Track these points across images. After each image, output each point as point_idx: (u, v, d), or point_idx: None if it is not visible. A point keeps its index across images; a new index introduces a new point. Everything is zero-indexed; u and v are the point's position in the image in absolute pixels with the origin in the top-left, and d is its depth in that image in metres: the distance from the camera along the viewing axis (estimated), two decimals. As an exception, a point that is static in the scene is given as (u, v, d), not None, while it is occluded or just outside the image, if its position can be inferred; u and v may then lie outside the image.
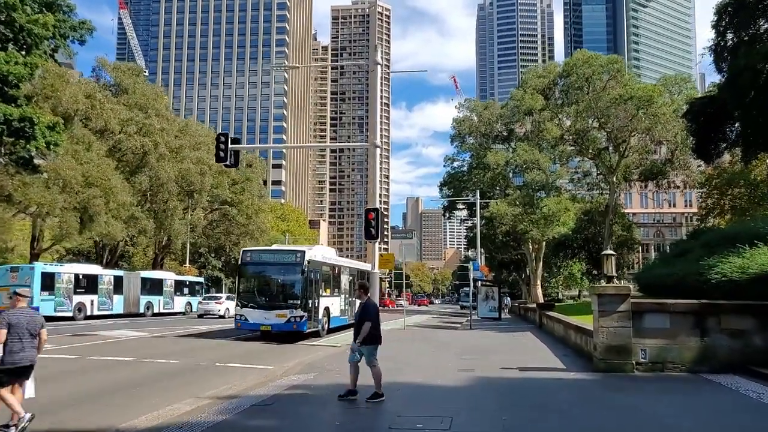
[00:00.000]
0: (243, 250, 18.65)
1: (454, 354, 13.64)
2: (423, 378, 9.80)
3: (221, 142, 17.51)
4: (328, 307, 19.73)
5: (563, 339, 16.34)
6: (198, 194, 43.11)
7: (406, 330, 22.68)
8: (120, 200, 33.67)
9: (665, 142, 45.08)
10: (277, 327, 17.38)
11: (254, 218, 49.76)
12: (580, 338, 13.32)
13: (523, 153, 42.76)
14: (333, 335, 20.01)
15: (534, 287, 47.76)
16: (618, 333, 10.08)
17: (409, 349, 15.07)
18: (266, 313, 17.39)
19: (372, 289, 17.04)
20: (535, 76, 48.06)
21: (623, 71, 44.58)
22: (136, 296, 34.16)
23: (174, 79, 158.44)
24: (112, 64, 40.68)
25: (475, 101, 48.18)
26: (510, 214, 41.42)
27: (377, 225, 16.42)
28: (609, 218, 47.17)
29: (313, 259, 18.00)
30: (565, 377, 9.86)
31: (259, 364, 12.52)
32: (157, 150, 38.22)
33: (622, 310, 10.12)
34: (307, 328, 17.51)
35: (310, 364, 11.95)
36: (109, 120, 35.05)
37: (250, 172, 49.91)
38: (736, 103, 25.48)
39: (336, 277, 21.04)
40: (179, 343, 16.78)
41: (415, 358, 12.75)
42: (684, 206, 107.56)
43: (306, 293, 17.46)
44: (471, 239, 50.98)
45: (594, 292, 10.43)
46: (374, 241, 16.72)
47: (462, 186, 47.83)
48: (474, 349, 15.04)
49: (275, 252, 18.55)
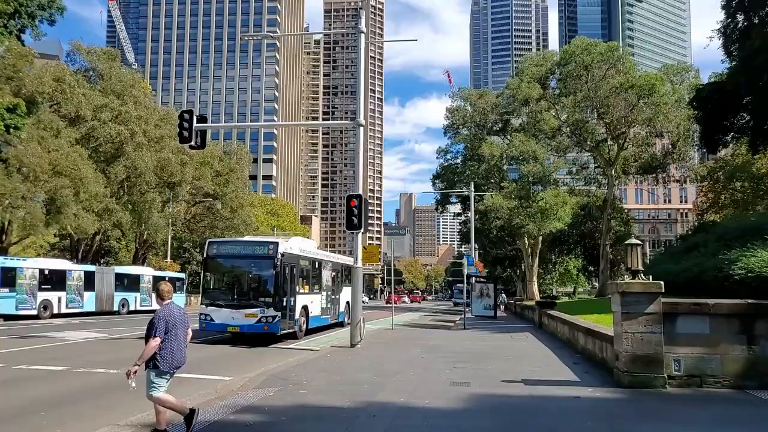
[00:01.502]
0: (209, 241, 16.65)
1: (446, 361, 11.79)
2: (407, 397, 7.92)
3: (185, 120, 15.52)
4: (306, 305, 17.83)
5: (569, 342, 14.54)
6: (178, 186, 40.95)
7: (394, 330, 20.84)
8: (92, 191, 31.53)
9: (667, 133, 43.45)
10: (246, 328, 15.46)
11: (239, 212, 47.70)
12: (591, 343, 11.50)
13: (519, 144, 40.99)
14: (312, 337, 18.13)
15: (530, 284, 46.08)
16: (646, 340, 8.25)
17: (393, 354, 13.21)
18: (234, 312, 15.47)
19: (354, 286, 15.16)
20: (532, 64, 46.24)
21: (624, 59, 42.83)
22: (110, 293, 32.11)
23: (163, 71, 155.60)
24: (86, 48, 38.34)
25: (470, 90, 46.30)
26: (505, 207, 39.67)
27: (360, 213, 14.56)
28: (607, 213, 45.54)
29: (287, 252, 16.07)
30: (582, 395, 8.01)
31: (216, 374, 10.61)
32: (134, 139, 36.05)
33: (651, 311, 8.29)
34: (280, 329, 15.61)
35: (277, 374, 10.06)
36: (81, 106, 32.85)
37: (235, 163, 47.79)
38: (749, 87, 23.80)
39: (316, 272, 19.13)
40: (135, 347, 14.76)
41: (399, 368, 10.88)
42: (679, 202, 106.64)
43: (280, 290, 15.55)
44: (465, 234, 49.23)
45: (616, 290, 8.59)
46: (357, 232, 14.86)
47: (456, 179, 46.01)
48: (468, 354, 13.20)
49: (245, 244, 16.56)
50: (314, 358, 12.39)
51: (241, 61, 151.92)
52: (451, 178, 46.73)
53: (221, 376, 10.33)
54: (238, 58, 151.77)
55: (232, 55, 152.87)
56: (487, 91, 47.66)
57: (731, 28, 26.70)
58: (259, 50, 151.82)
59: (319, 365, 11.22)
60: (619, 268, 60.09)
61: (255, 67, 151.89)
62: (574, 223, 48.39)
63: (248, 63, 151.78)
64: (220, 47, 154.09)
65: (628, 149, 45.69)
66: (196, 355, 13.36)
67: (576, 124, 44.00)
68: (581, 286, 76.25)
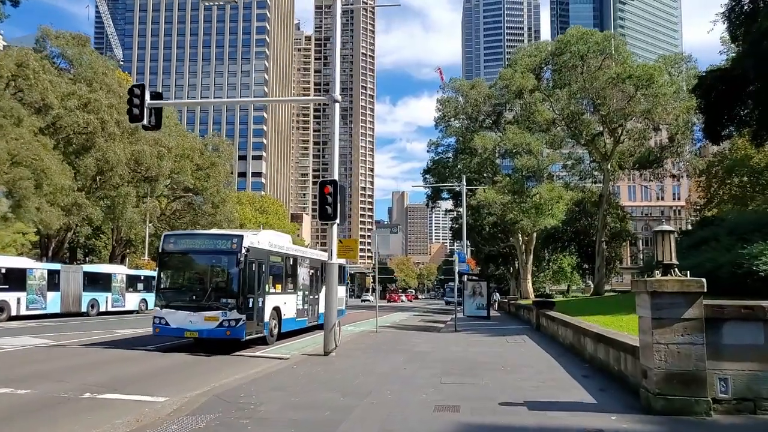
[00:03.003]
0: (165, 234, 14.66)
1: (432, 374, 9.95)
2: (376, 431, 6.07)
3: (135, 96, 13.54)
4: (278, 307, 15.92)
5: (573, 348, 12.76)
6: (155, 180, 38.81)
7: (378, 333, 18.97)
8: (57, 184, 29.37)
9: (665, 126, 41.90)
10: (206, 333, 13.53)
11: (221, 207, 45.60)
12: (604, 352, 9.70)
13: (513, 136, 39.21)
14: (286, 342, 16.25)
15: (524, 282, 44.38)
16: (684, 353, 6.45)
17: (371, 364, 11.34)
18: (192, 315, 13.53)
19: (329, 284, 13.29)
20: (526, 55, 44.53)
21: (621, 49, 41.23)
22: (77, 293, 29.97)
23: (150, 67, 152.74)
24: (55, 33, 36.05)
25: (461, 80, 44.43)
26: (499, 202, 37.90)
27: (335, 201, 12.68)
28: (603, 208, 43.95)
29: (254, 247, 14.16)
30: (606, 427, 6.18)
31: (152, 392, 8.69)
32: (106, 129, 33.89)
33: (690, 317, 6.49)
34: (245, 333, 13.70)
35: (224, 393, 8.17)
36: (47, 93, 30.65)
37: (216, 157, 45.66)
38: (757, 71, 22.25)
39: (291, 269, 17.21)
40: (74, 357, 12.86)
41: (375, 383, 9.02)
42: (672, 199, 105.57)
43: (245, 290, 13.64)
44: (456, 231, 47.46)
45: (643, 289, 6.79)
46: (331, 223, 12.97)
47: (447, 173, 44.15)
48: (459, 363, 11.37)
49: (205, 237, 14.59)
50: (277, 370, 10.51)
51: (230, 56, 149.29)
52: (443, 172, 44.90)
53: (156, 396, 8.41)
54: (227, 53, 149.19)
55: (221, 51, 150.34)
56: (480, 81, 45.84)
57: (736, 11, 25.24)
58: (249, 46, 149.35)
59: (279, 380, 9.35)
60: (614, 265, 58.76)
61: (244, 62, 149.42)
62: (568, 219, 46.80)
63: (237, 58, 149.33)
64: (208, 42, 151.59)
65: (625, 143, 44.12)
66: (141, 368, 11.45)
67: (571, 116, 42.36)
68: (575, 284, 74.72)
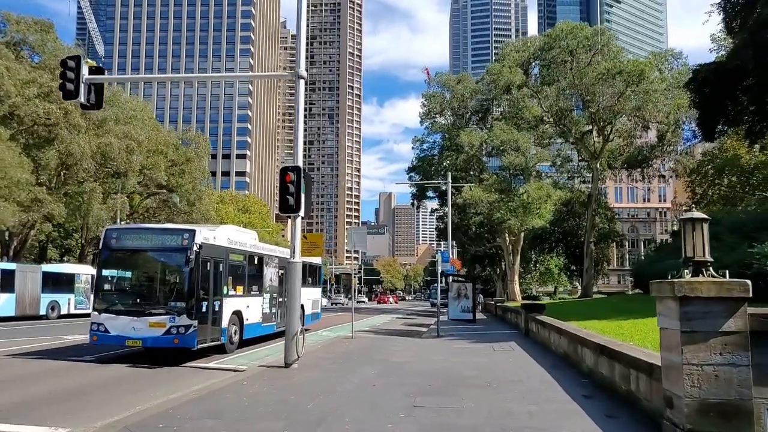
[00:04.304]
0: (106, 228, 12.85)
1: (406, 392, 8.36)
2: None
3: (69, 69, 11.77)
4: (240, 311, 14.23)
5: (568, 358, 11.27)
6: (125, 176, 36.79)
7: (353, 339, 17.33)
8: (12, 177, 27.33)
9: (655, 123, 40.90)
10: (151, 341, 11.79)
11: (198, 205, 43.61)
12: (608, 367, 8.19)
13: (500, 133, 37.89)
14: (249, 349, 14.58)
15: (511, 283, 43.06)
16: (724, 377, 4.94)
17: (336, 380, 9.71)
18: (136, 321, 11.78)
19: (290, 286, 11.63)
20: (514, 50, 43.28)
21: (611, 44, 40.15)
22: (35, 295, 27.93)
23: (131, 63, 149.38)
24: (15, 17, 33.91)
25: (447, 75, 43.02)
26: (485, 200, 36.53)
27: (298, 191, 11.03)
28: (591, 208, 42.86)
29: (210, 243, 12.46)
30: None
31: (47, 423, 6.93)
32: (69, 120, 31.85)
33: (731, 330, 4.98)
34: (197, 341, 11.99)
35: (136, 425, 6.49)
36: (2, 80, 28.59)
37: (192, 152, 43.68)
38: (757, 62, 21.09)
39: (256, 269, 15.53)
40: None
41: (333, 408, 7.40)
42: (658, 201, 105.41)
43: (197, 291, 11.94)
44: (442, 230, 46.00)
45: (669, 293, 5.27)
46: (294, 216, 11.32)
47: (432, 170, 42.72)
48: (438, 378, 9.79)
49: (152, 232, 12.79)
50: (222, 388, 8.83)
51: (214, 53, 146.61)
52: (428, 170, 43.47)
53: (54, 426, 6.70)
54: (211, 51, 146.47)
55: (204, 48, 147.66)
56: (467, 75, 44.43)
57: (732, 1, 24.16)
58: (233, 43, 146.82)
59: (218, 403, 7.69)
60: (603, 266, 57.72)
61: (228, 60, 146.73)
62: (556, 220, 45.67)
63: (221, 56, 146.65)
64: (192, 39, 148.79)
65: (614, 141, 43.14)
66: (62, 384, 9.55)
67: (560, 113, 41.20)
68: (562, 285, 73.72)
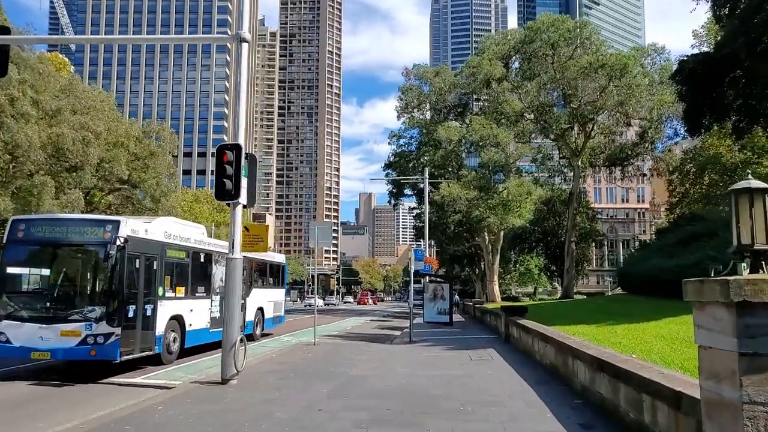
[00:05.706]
0: (12, 219, 10.85)
1: (356, 421, 6.63)
2: None
3: (-40, 25, 9.76)
4: (181, 315, 12.34)
5: (556, 371, 9.67)
6: (81, 169, 34.27)
7: (315, 346, 15.50)
8: (-52, 168, 24.83)
9: (637, 120, 39.97)
10: (62, 354, 9.83)
11: (163, 201, 41.15)
12: (609, 388, 6.57)
13: (479, 128, 36.47)
14: (193, 359, 12.71)
15: (490, 284, 41.66)
16: (801, 420, 3.32)
17: (276, 403, 7.91)
18: (44, 329, 9.81)
19: (229, 286, 9.78)
20: (494, 43, 41.90)
21: (593, 38, 39.09)
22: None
23: (104, 59, 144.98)
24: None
25: (425, 67, 41.42)
26: (464, 198, 35.03)
27: (237, 174, 9.24)
28: (573, 206, 41.71)
29: (138, 237, 10.56)
30: None
31: None
32: (16, 107, 29.33)
33: (811, 349, 3.36)
34: (121, 352, 10.08)
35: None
36: (-61, 62, 26.00)
37: (156, 146, 41.24)
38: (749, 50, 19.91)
39: (201, 268, 13.63)
40: None
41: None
42: (637, 201, 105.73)
43: (121, 293, 10.04)
44: (420, 229, 44.41)
45: (714, 296, 3.64)
46: (234, 203, 9.51)
47: (410, 166, 41.12)
48: (401, 399, 8.07)
49: (66, 223, 10.79)
50: (131, 414, 6.98)
51: (189, 49, 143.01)
52: (405, 166, 41.86)
53: None
54: (186, 47, 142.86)
55: (179, 45, 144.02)
56: (445, 67, 42.93)
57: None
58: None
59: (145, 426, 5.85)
60: (583, 267, 56.83)
61: (204, 57, 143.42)
62: (536, 219, 44.49)
63: (197, 53, 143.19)
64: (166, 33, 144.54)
65: (596, 138, 42.14)
66: None
67: (541, 108, 39.98)
68: (542, 286, 72.82)
